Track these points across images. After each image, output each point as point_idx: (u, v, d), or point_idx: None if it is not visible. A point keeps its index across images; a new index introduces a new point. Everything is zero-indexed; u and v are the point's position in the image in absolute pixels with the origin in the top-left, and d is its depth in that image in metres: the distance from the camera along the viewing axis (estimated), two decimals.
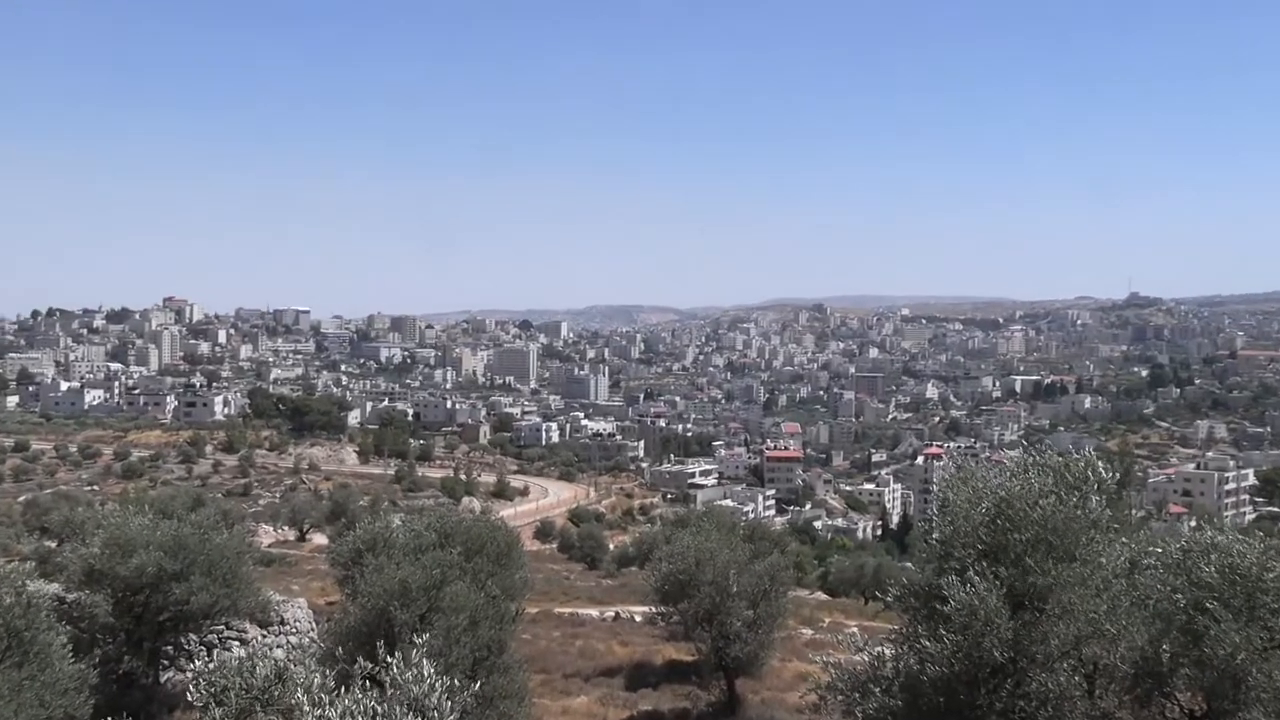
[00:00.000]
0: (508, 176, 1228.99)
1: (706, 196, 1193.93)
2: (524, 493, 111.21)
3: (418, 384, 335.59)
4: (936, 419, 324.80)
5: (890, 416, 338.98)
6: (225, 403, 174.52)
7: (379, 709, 7.79)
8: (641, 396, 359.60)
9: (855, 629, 25.86)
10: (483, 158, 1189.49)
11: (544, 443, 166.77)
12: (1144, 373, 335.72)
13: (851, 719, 10.32)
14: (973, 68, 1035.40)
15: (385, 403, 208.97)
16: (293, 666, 8.77)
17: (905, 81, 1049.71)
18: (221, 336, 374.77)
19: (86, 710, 11.86)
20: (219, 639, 17.78)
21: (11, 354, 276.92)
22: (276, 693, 8.58)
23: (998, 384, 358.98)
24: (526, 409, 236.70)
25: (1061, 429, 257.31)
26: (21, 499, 78.78)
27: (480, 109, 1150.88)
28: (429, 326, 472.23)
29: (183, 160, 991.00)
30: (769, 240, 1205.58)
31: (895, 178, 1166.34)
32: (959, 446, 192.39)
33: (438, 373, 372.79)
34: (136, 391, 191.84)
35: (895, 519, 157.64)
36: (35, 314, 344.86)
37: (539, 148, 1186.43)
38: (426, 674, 8.26)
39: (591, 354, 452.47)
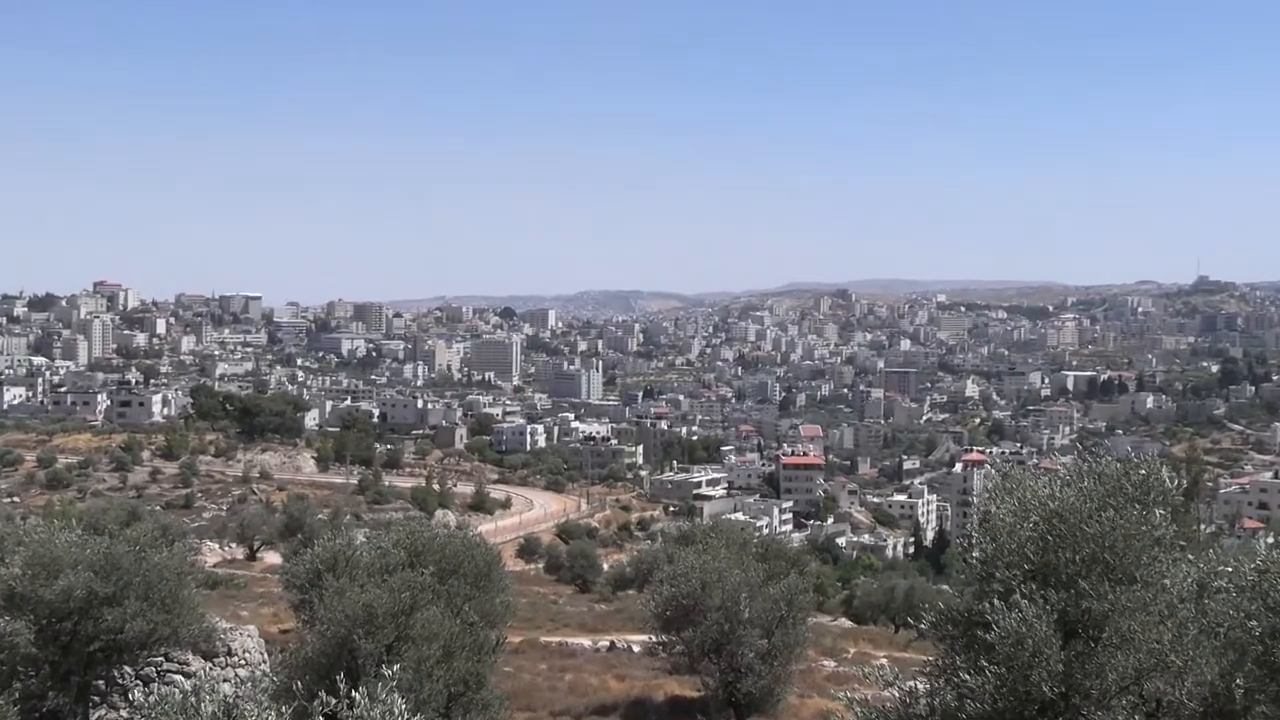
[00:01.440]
0: (487, 141, 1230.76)
1: (715, 168, 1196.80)
2: (506, 505, 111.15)
3: (384, 381, 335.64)
4: (977, 420, 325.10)
5: (924, 418, 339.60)
6: (164, 402, 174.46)
7: None
8: (640, 395, 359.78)
9: (884, 660, 25.89)
10: (460, 120, 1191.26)
11: (529, 448, 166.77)
12: (1214, 368, 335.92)
13: None
14: (1023, 25, 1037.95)
15: (347, 402, 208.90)
16: (242, 703, 8.76)
17: (942, 39, 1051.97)
18: (160, 326, 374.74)
19: None
20: (157, 672, 17.77)
21: None
22: None
23: (1047, 380, 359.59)
24: (509, 409, 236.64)
25: (1120, 432, 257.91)
26: None
27: (455, 60, 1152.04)
28: (397, 315, 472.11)
29: (114, 124, 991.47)
30: (786, 218, 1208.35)
31: (930, 147, 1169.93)
32: (1003, 452, 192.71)
33: (407, 368, 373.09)
34: (63, 389, 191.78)
35: (930, 535, 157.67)
36: None
37: (523, 109, 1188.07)
38: (395, 712, 8.26)
39: (583, 346, 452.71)
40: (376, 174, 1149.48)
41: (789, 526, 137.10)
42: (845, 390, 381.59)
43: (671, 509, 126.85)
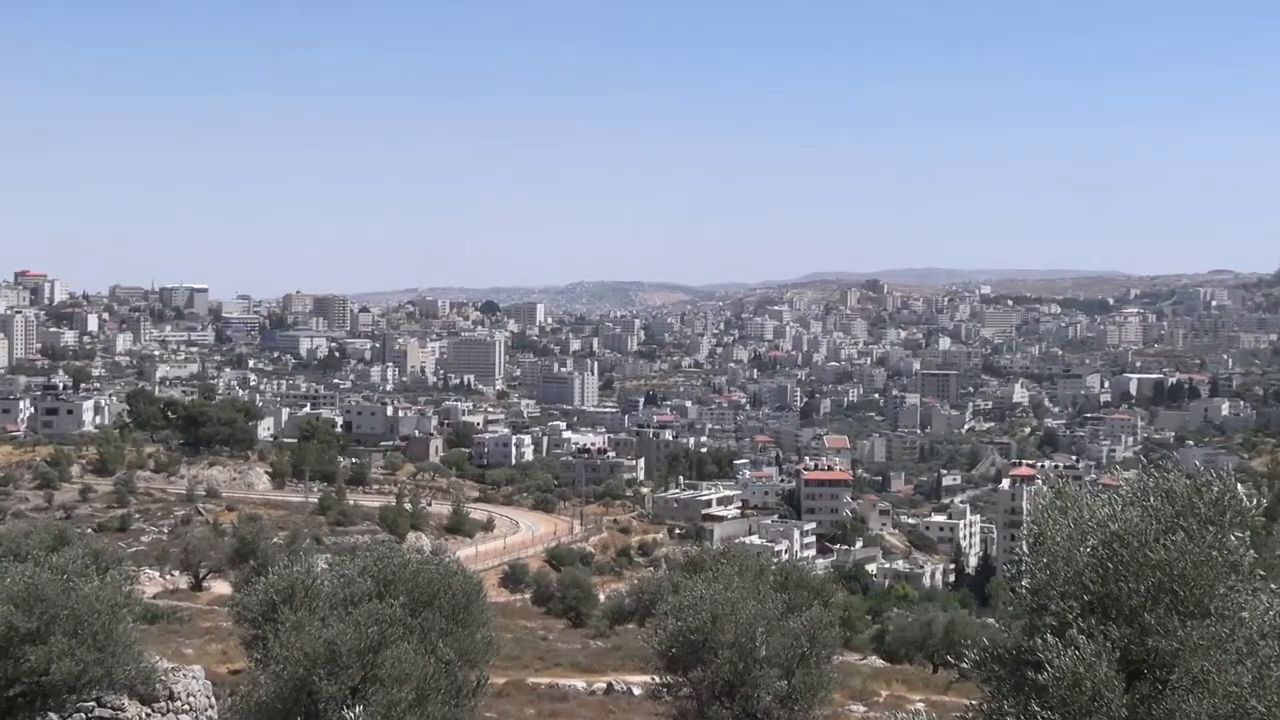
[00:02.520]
0: (464, 111, 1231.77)
1: (726, 142, 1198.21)
2: (488, 527, 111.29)
3: (349, 385, 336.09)
4: (1027, 430, 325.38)
5: (966, 427, 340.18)
6: (97, 409, 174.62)
7: None
8: (641, 401, 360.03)
9: (921, 705, 25.86)
10: (431, 87, 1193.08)
11: (514, 462, 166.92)
12: None
13: None
14: None
15: (306, 409, 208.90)
16: None
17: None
18: (92, 323, 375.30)
19: None
20: (88, 718, 17.77)
21: None
22: None
23: (1107, 384, 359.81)
24: (491, 417, 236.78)
25: (1191, 443, 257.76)
26: None
27: (424, 15, 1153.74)
28: (364, 310, 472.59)
29: (36, 94, 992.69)
30: (808, 198, 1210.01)
31: (971, 117, 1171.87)
32: (1056, 466, 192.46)
33: (375, 370, 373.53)
34: None
35: (973, 561, 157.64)
36: None
37: (502, 72, 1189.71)
38: None
39: (576, 345, 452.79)
40: (336, 149, 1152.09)
41: (812, 551, 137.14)
42: (876, 395, 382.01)
43: (677, 531, 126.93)
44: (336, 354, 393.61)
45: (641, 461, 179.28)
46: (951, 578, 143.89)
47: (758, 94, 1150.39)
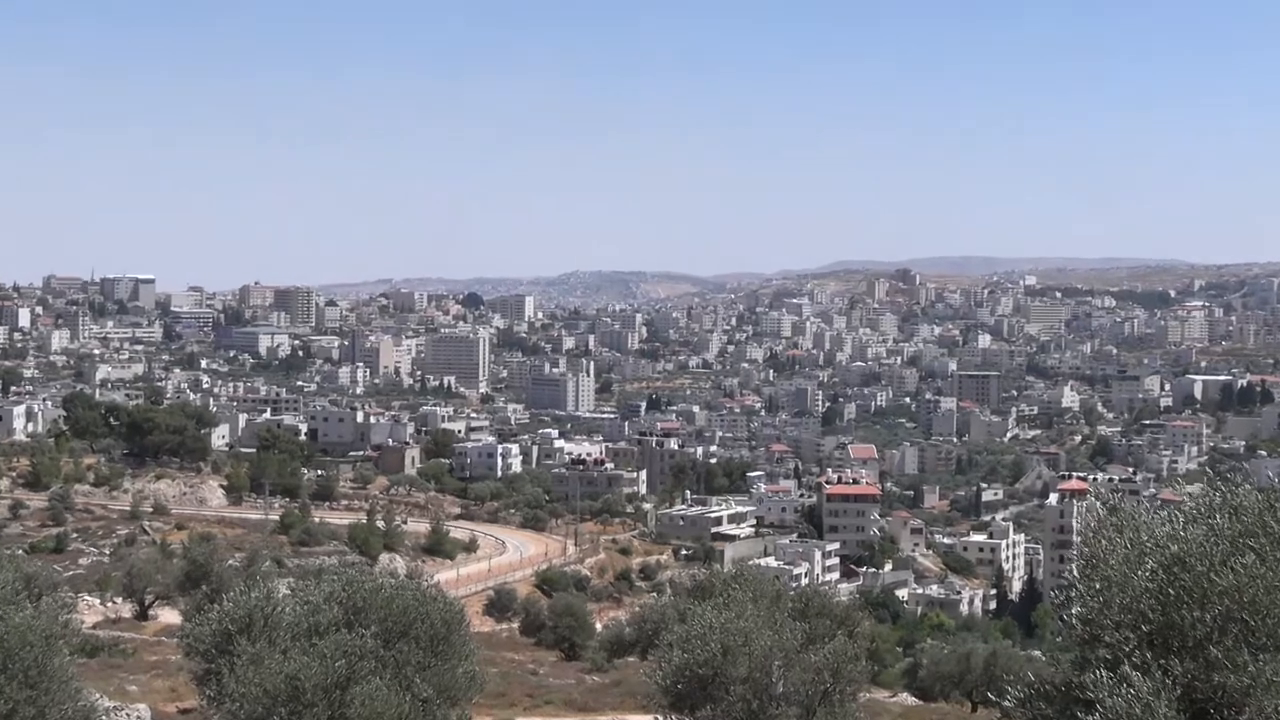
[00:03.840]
0: (444, 84, 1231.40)
1: (739, 119, 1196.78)
2: (470, 548, 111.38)
3: (314, 387, 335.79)
4: (1077, 438, 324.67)
5: (1009, 435, 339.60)
6: (29, 415, 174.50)
7: None
8: (643, 405, 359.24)
9: None
10: (408, 57, 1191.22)
11: (500, 474, 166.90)
12: None
13: None
14: None
15: (266, 415, 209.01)
16: None
17: None
18: (24, 317, 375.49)
19: None
20: None
21: None
22: None
23: (1168, 387, 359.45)
24: (474, 424, 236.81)
25: (1263, 453, 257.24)
26: None
27: None
28: (331, 303, 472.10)
29: None
30: (831, 180, 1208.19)
31: (1012, 88, 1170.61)
32: (1111, 479, 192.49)
33: (344, 370, 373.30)
34: None
35: (1016, 586, 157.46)
36: None
37: (489, 43, 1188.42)
38: None
39: (570, 343, 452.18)
40: (299, 124, 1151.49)
41: (835, 575, 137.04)
42: (907, 399, 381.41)
43: (683, 552, 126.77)
44: (300, 353, 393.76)
45: (643, 474, 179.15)
46: (992, 605, 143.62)
47: (772, 65, 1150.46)
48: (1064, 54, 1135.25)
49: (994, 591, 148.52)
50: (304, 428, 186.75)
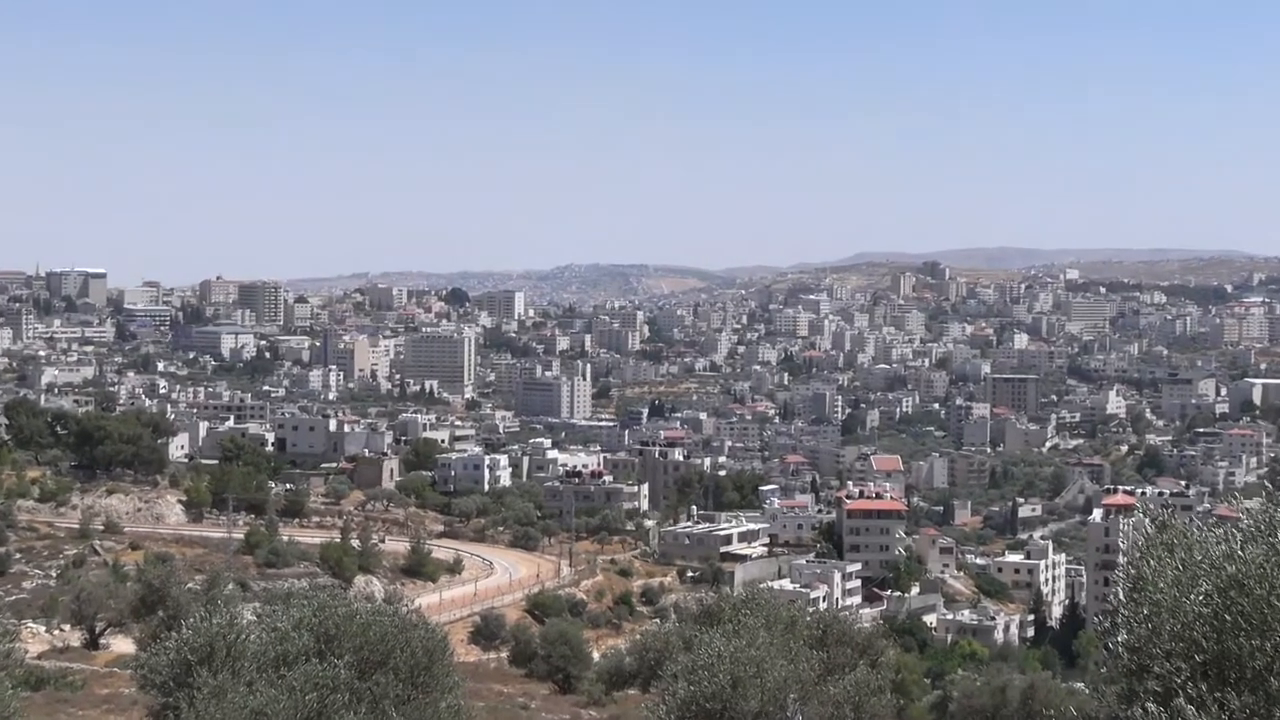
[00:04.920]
0: (425, 60, 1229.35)
1: (752, 98, 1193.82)
2: (454, 569, 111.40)
3: (282, 393, 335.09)
4: (1124, 448, 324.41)
5: (1048, 444, 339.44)
6: None
7: None
8: (645, 412, 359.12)
9: None
10: (388, 33, 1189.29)
11: (487, 488, 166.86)
12: None
13: None
14: None
15: (230, 423, 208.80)
16: None
17: None
18: None
19: None
20: None
21: None
22: None
23: (1224, 391, 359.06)
24: (459, 433, 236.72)
25: None
26: None
27: None
28: (301, 299, 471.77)
29: None
30: (852, 165, 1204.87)
31: (1048, 69, 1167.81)
32: (1161, 493, 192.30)
33: (315, 374, 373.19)
34: None
35: (1056, 611, 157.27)
36: None
37: (479, 18, 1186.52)
38: None
39: (564, 343, 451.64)
40: (263, 101, 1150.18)
41: (856, 599, 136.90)
42: (935, 405, 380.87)
43: (689, 574, 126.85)
44: (267, 354, 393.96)
45: (645, 488, 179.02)
46: (1030, 632, 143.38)
47: (787, 41, 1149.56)
48: (1113, 26, 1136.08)
49: (1032, 617, 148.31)
50: (271, 437, 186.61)
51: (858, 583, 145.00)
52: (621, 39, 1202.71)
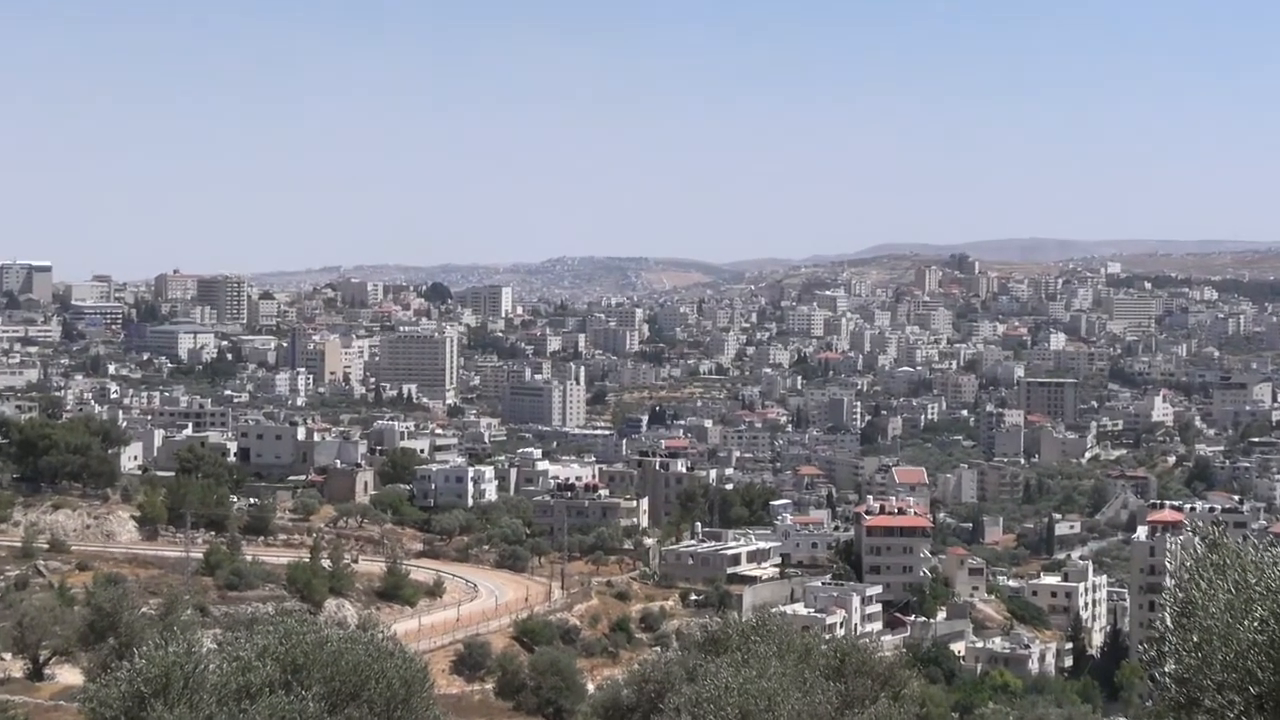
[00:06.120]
0: (402, 33, 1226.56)
1: (760, 76, 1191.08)
2: (435, 592, 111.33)
3: (245, 398, 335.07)
4: (1171, 459, 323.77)
5: (1088, 455, 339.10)
6: None
7: None
8: (644, 419, 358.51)
9: None
10: (363, 6, 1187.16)
11: (471, 503, 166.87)
12: None
13: None
14: None
15: (188, 431, 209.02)
16: None
17: None
18: None
19: None
20: None
21: None
22: None
23: None
24: (440, 442, 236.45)
25: None
26: None
27: None
28: (266, 296, 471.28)
29: None
30: (873, 150, 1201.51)
31: (1093, 44, 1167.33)
32: (1212, 509, 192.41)
33: (281, 377, 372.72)
34: None
35: (1097, 638, 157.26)
36: None
37: None
38: None
39: (556, 344, 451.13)
40: (224, 81, 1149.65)
41: (877, 625, 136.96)
42: (964, 412, 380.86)
43: (693, 597, 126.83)
44: (229, 356, 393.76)
45: (645, 502, 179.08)
46: (1068, 661, 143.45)
47: (803, 16, 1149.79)
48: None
49: (1069, 645, 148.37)
50: (233, 447, 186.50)
51: (878, 607, 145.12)
52: (620, 4, 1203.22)
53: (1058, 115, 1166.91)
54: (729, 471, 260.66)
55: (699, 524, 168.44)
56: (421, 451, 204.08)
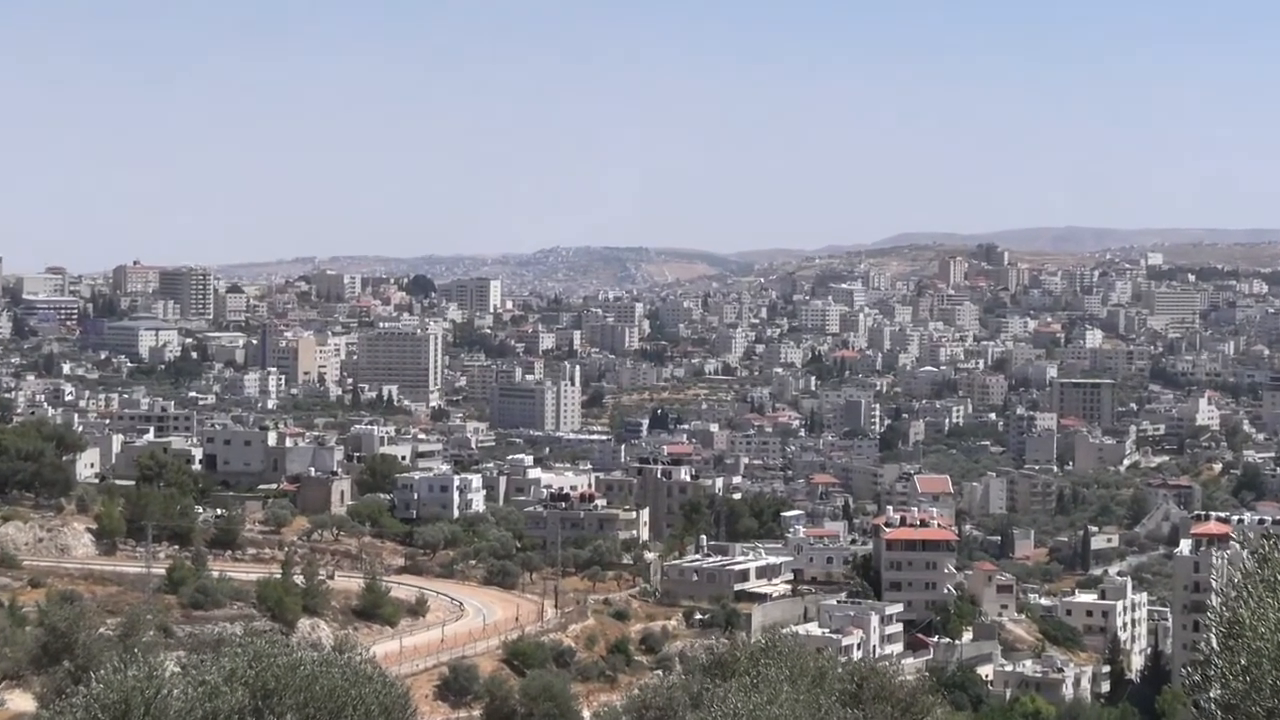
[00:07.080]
0: (387, 14, 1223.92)
1: (771, 54, 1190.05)
2: (418, 610, 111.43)
3: (212, 400, 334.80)
4: (1218, 467, 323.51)
5: (1127, 462, 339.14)
6: None
7: None
8: (645, 423, 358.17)
9: None
10: None
11: (457, 514, 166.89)
12: None
13: None
14: None
15: (149, 436, 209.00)
16: None
17: None
18: None
19: None
20: None
21: None
22: None
23: None
24: (423, 448, 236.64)
25: None
26: None
27: None
28: (234, 288, 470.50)
29: None
30: (892, 132, 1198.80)
31: (1131, 14, 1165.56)
32: (1261, 521, 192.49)
33: (251, 378, 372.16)
34: None
35: (1137, 661, 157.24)
36: None
37: None
38: None
39: (549, 341, 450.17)
40: (188, 60, 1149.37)
41: (898, 646, 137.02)
42: (992, 415, 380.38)
43: (698, 617, 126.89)
44: (193, 354, 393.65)
45: (645, 514, 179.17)
46: (1105, 686, 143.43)
47: None
48: None
49: (1107, 669, 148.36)
50: (198, 453, 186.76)
51: (899, 627, 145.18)
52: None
53: (1093, 94, 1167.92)
54: (737, 480, 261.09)
55: (704, 537, 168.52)
56: (403, 458, 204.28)
